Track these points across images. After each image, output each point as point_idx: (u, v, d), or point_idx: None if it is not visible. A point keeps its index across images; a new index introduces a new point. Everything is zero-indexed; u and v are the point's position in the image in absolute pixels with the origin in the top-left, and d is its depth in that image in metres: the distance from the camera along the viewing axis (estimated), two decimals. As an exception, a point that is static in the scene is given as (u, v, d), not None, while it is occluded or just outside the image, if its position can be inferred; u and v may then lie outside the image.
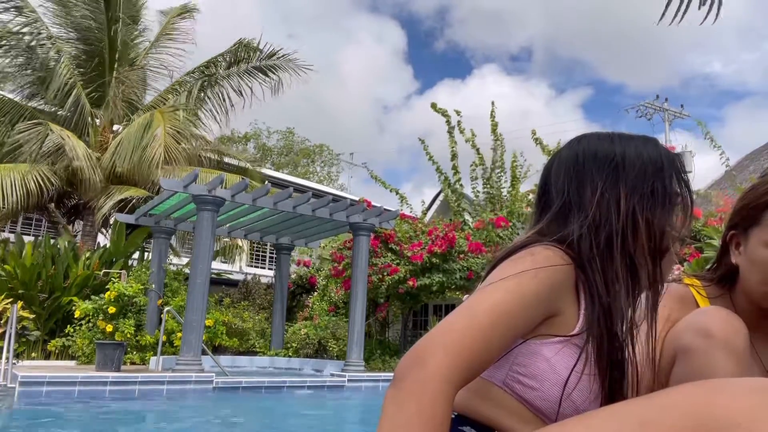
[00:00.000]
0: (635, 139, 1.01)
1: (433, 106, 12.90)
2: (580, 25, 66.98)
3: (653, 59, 70.37)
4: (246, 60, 12.99)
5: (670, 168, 0.98)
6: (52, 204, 11.81)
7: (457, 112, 12.91)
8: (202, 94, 13.10)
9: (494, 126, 12.79)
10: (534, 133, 12.82)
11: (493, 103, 12.90)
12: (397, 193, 13.00)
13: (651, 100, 27.45)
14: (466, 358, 0.77)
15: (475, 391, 0.93)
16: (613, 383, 0.91)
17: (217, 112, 13.37)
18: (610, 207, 0.94)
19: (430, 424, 0.72)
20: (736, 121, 65.78)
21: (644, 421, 0.70)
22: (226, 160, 13.76)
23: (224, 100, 13.22)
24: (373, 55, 57.82)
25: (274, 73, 13.04)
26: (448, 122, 12.78)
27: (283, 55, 12.99)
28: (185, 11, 13.46)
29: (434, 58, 61.94)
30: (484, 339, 0.80)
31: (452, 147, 12.68)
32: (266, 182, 8.53)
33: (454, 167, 12.69)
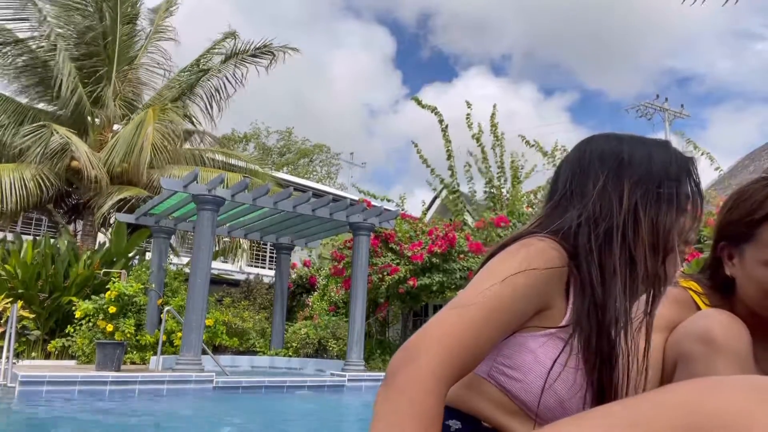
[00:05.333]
0: (646, 141, 1.00)
1: (418, 102, 12.92)
2: (559, 31, 67.76)
3: (632, 64, 70.88)
4: (243, 51, 13.03)
5: (680, 170, 0.96)
6: (52, 204, 11.81)
7: (468, 105, 12.95)
8: (199, 90, 13.15)
9: (494, 126, 12.81)
10: (556, 145, 12.92)
11: (495, 105, 12.96)
12: (389, 201, 13.09)
13: (651, 100, 27.44)
14: (458, 354, 0.77)
15: (462, 382, 0.92)
16: (604, 377, 0.89)
17: (211, 106, 13.40)
18: (612, 200, 0.93)
19: (422, 421, 0.71)
20: (718, 124, 66.18)
21: (636, 422, 0.69)
22: (233, 161, 13.76)
23: (218, 91, 13.25)
24: (362, 61, 58.35)
25: (268, 55, 13.06)
26: (441, 121, 12.80)
27: (276, 45, 13.06)
28: (171, 6, 13.56)
29: (421, 63, 62.79)
30: (476, 334, 0.79)
31: (447, 147, 12.70)
32: (290, 188, 8.51)
33: (451, 168, 12.71)
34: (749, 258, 1.20)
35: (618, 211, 0.93)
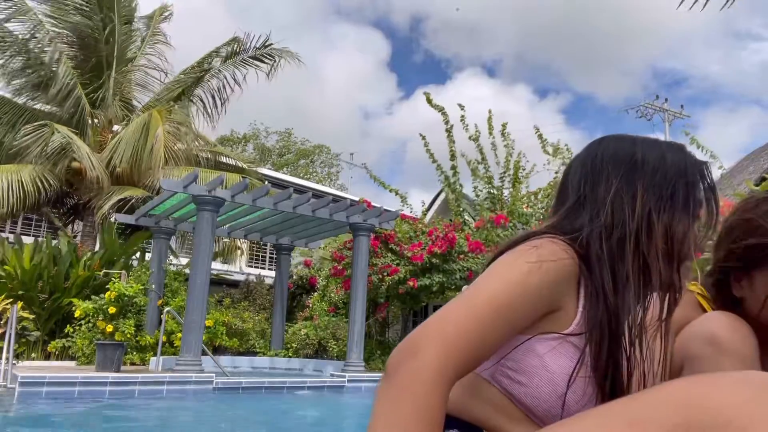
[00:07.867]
0: (660, 143, 0.98)
1: (428, 100, 12.84)
2: (550, 34, 68.10)
3: (622, 67, 70.93)
4: (244, 51, 13.00)
5: (694, 174, 0.94)
6: (49, 206, 11.79)
7: (461, 107, 12.89)
8: (199, 90, 13.15)
9: (503, 127, 12.78)
10: (558, 145, 12.80)
11: (490, 111, 12.91)
12: (396, 193, 13.01)
13: (651, 100, 27.44)
14: (462, 351, 0.74)
15: (463, 385, 0.89)
16: (615, 386, 0.87)
17: (212, 107, 13.39)
18: (625, 205, 0.91)
19: (425, 419, 0.68)
20: (709, 126, 66.16)
21: (633, 420, 0.68)
22: (224, 160, 13.78)
23: (219, 91, 13.24)
24: (357, 64, 58.70)
25: (269, 59, 13.02)
26: (446, 121, 12.74)
27: (276, 47, 13.02)
28: (165, 10, 13.57)
29: (415, 66, 63.30)
30: (481, 331, 0.76)
31: (451, 146, 12.66)
32: (266, 182, 8.53)
33: (453, 167, 12.68)
34: (760, 284, 1.17)
35: (631, 217, 0.90)
